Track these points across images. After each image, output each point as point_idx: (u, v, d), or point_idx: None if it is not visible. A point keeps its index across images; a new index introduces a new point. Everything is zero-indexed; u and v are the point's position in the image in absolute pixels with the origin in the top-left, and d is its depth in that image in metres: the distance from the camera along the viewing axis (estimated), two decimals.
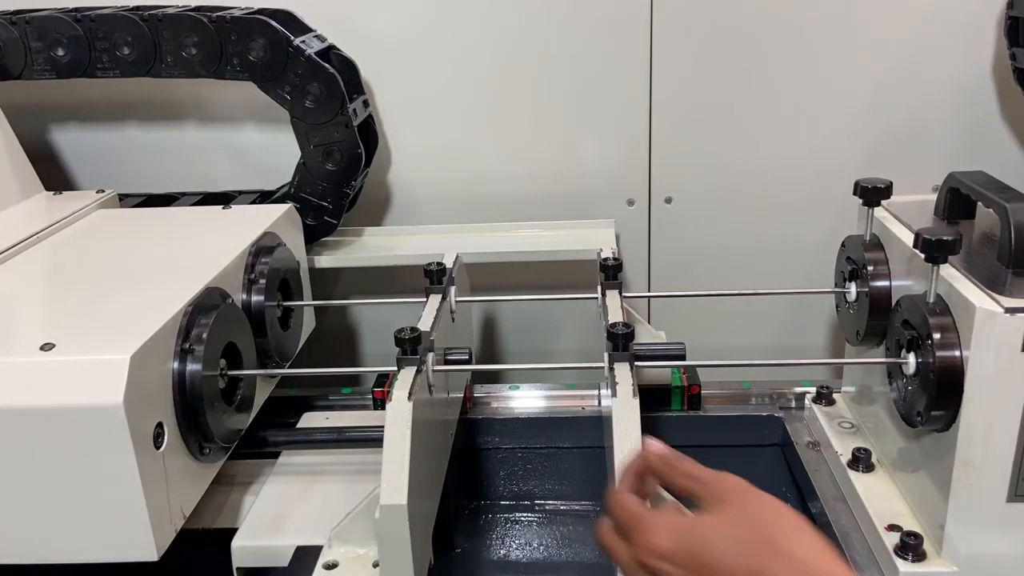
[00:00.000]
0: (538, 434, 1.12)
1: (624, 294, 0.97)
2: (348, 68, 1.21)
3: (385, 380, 1.20)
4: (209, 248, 0.96)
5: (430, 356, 0.82)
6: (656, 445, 0.65)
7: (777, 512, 0.56)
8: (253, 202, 1.23)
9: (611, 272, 0.98)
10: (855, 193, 0.95)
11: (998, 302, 0.75)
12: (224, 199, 1.21)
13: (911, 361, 0.84)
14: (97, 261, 0.96)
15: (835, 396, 1.12)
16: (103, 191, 1.17)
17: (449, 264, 1.01)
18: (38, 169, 1.17)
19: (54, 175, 1.33)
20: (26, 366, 0.71)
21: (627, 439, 0.72)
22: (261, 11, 1.14)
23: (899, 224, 0.95)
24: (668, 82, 1.27)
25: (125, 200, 1.23)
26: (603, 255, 1.03)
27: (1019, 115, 1.27)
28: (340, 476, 1.00)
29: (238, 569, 0.90)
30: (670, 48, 1.25)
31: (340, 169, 1.18)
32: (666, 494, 0.65)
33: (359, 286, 1.40)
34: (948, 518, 0.81)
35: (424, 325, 0.87)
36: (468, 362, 0.95)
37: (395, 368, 0.80)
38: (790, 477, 1.10)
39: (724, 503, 0.57)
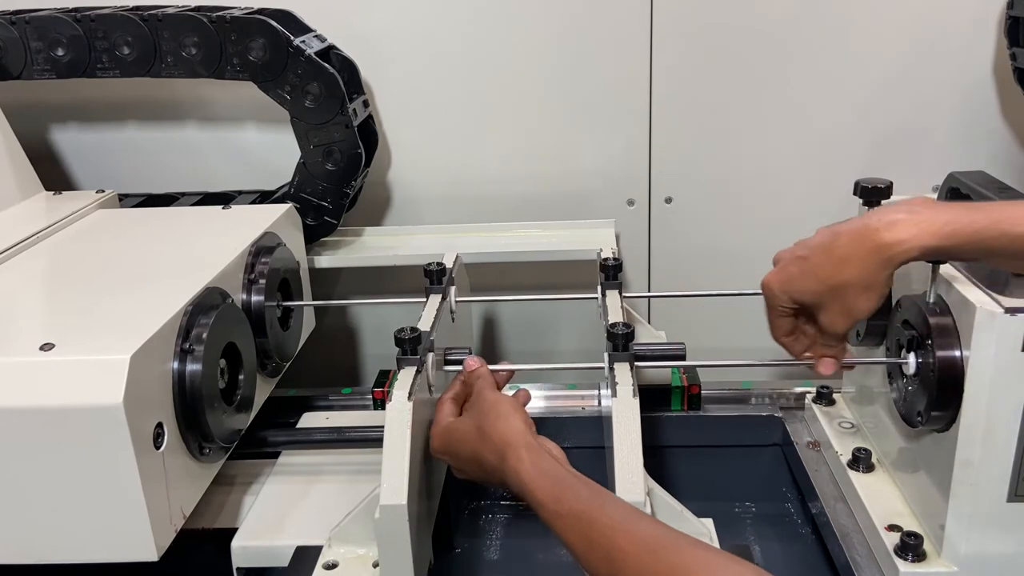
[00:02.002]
0: (538, 434, 1.12)
1: (624, 294, 0.97)
2: (348, 68, 1.21)
3: (385, 380, 1.20)
4: (209, 248, 0.96)
5: (430, 356, 0.82)
6: (473, 362, 0.83)
7: (493, 409, 0.74)
8: (253, 202, 1.23)
9: (611, 272, 0.98)
10: (855, 193, 0.95)
11: (998, 302, 0.75)
12: (224, 199, 1.21)
13: (911, 361, 0.84)
14: (97, 261, 0.96)
15: (835, 396, 1.12)
16: (103, 191, 1.17)
17: (449, 264, 1.01)
18: (38, 169, 1.17)
19: (54, 175, 1.33)
20: (26, 366, 0.71)
21: (627, 439, 0.72)
22: (261, 11, 1.14)
23: None
24: (668, 82, 1.27)
25: (125, 200, 1.23)
26: (603, 255, 1.03)
27: (1019, 115, 1.27)
28: (340, 476, 1.00)
29: (238, 569, 0.90)
30: (670, 48, 1.25)
31: (340, 169, 1.18)
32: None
33: (359, 286, 1.40)
34: (948, 518, 0.81)
35: (424, 325, 0.87)
36: None
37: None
38: (790, 477, 1.10)
39: (471, 407, 0.78)
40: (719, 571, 0.52)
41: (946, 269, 0.82)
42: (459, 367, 0.86)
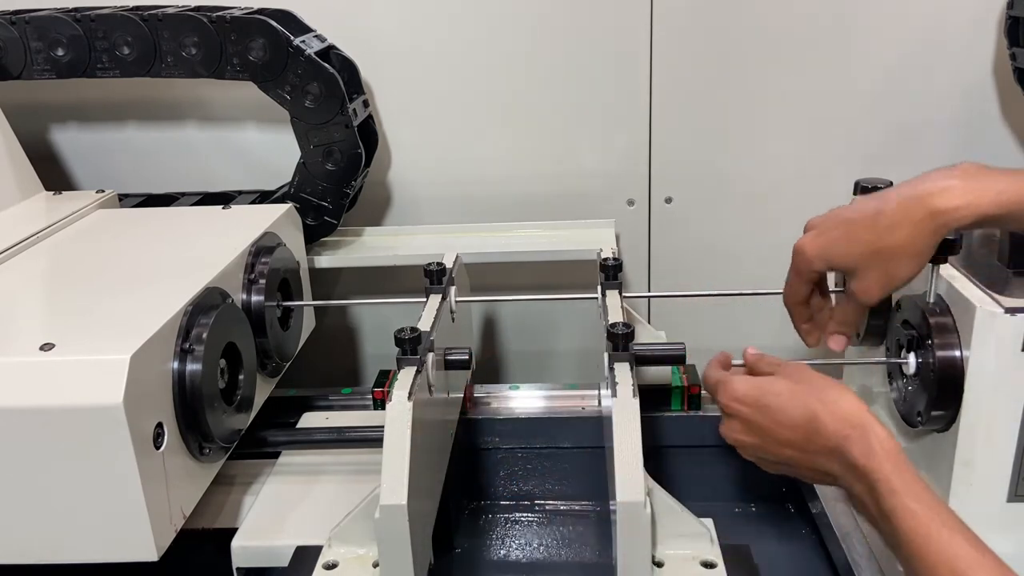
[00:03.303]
0: (538, 434, 1.12)
1: (624, 294, 0.97)
2: (348, 68, 1.21)
3: (385, 380, 1.20)
4: (209, 248, 0.96)
5: (430, 356, 0.82)
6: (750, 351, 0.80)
7: (824, 378, 0.70)
8: (253, 202, 1.23)
9: (611, 272, 0.98)
10: (855, 193, 0.95)
11: (998, 302, 0.75)
12: (224, 199, 1.21)
13: (911, 361, 0.84)
14: (97, 261, 0.96)
15: None
16: (103, 191, 1.17)
17: (449, 264, 1.01)
18: (38, 169, 1.17)
19: (54, 175, 1.33)
20: (26, 366, 0.71)
21: (627, 439, 0.72)
22: (261, 11, 1.14)
23: None
24: (668, 82, 1.27)
25: (125, 200, 1.23)
26: (603, 255, 1.03)
27: (1019, 115, 1.27)
28: (340, 476, 1.00)
29: (238, 569, 0.90)
30: (670, 48, 1.25)
31: (340, 169, 1.18)
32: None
33: (359, 286, 1.40)
34: None
35: (424, 325, 0.87)
36: (468, 362, 0.95)
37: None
38: (790, 477, 1.10)
39: (786, 370, 0.73)
40: None
41: (946, 269, 0.82)
42: (459, 368, 0.86)
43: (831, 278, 0.85)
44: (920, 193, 0.69)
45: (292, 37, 1.11)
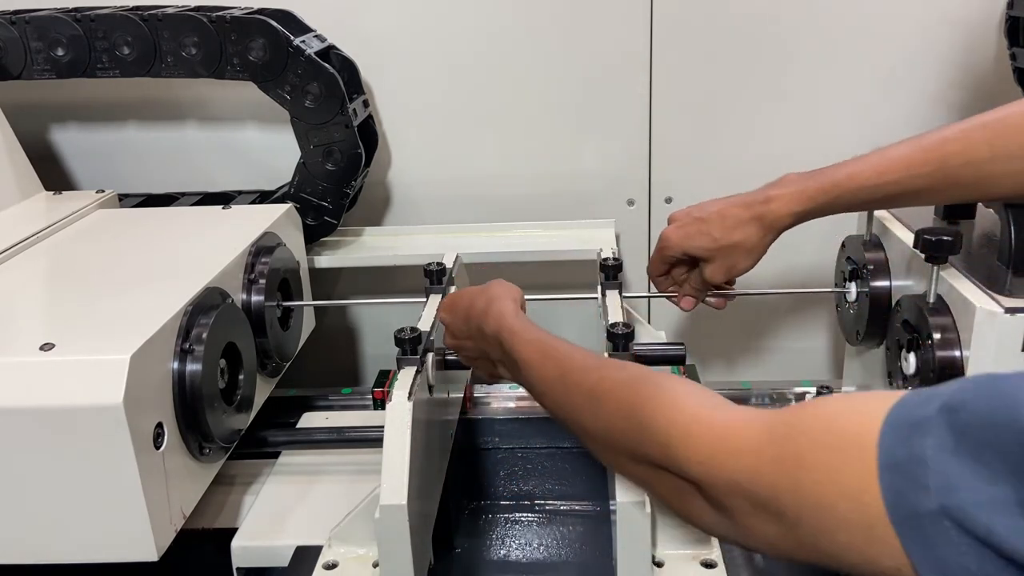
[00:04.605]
0: (538, 434, 1.12)
1: (624, 294, 0.97)
2: (348, 68, 1.21)
3: (385, 380, 1.20)
4: (209, 248, 0.96)
5: (430, 356, 0.82)
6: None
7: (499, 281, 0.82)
8: (253, 202, 1.23)
9: (611, 272, 0.98)
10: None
11: (998, 302, 0.75)
12: (224, 199, 1.21)
13: (911, 361, 0.84)
14: (97, 261, 0.96)
15: None
16: (103, 191, 1.17)
17: (449, 264, 1.01)
18: (38, 169, 1.17)
19: (54, 175, 1.33)
20: (26, 366, 0.71)
21: None
22: (261, 11, 1.14)
23: (899, 224, 0.95)
24: (668, 82, 1.27)
25: (125, 200, 1.23)
26: (603, 255, 1.03)
27: None
28: (340, 476, 1.00)
29: (238, 569, 0.90)
30: (670, 48, 1.25)
31: (340, 169, 1.18)
32: None
33: (359, 286, 1.40)
34: None
35: (424, 325, 0.87)
36: None
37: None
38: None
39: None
40: (677, 384, 0.58)
41: (946, 269, 0.82)
42: (459, 368, 0.86)
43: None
44: (751, 201, 0.85)
45: (292, 37, 1.11)
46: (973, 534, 0.36)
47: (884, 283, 0.94)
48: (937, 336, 0.79)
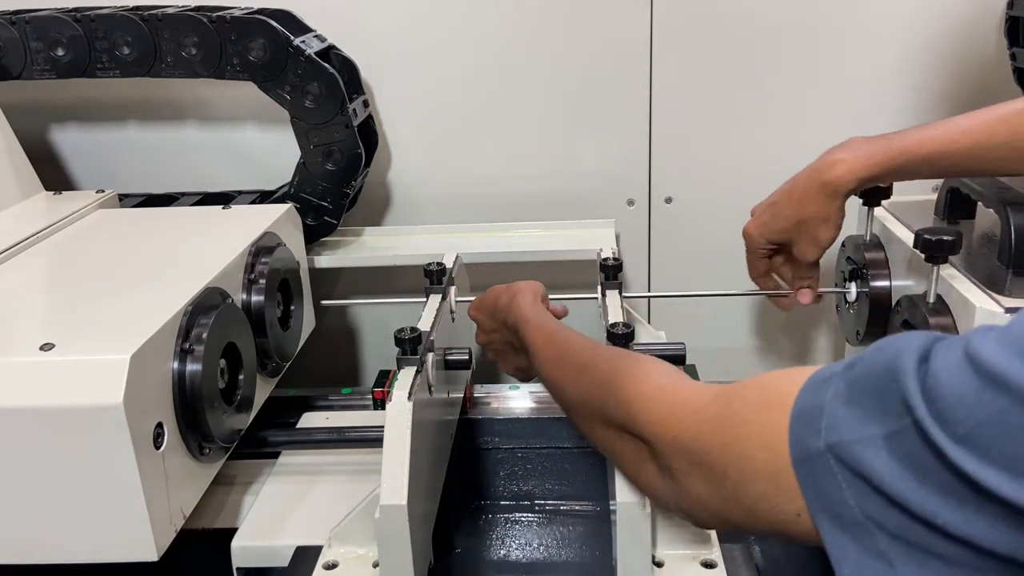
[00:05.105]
0: (538, 434, 1.12)
1: (624, 294, 0.97)
2: (348, 68, 1.21)
3: (385, 380, 1.20)
4: (209, 248, 0.96)
5: (430, 356, 0.82)
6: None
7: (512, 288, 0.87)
8: (253, 202, 1.23)
9: (611, 272, 0.98)
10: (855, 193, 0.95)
11: (998, 302, 0.75)
12: (224, 199, 1.21)
13: None
14: (97, 261, 0.96)
15: None
16: (103, 191, 1.17)
17: (449, 264, 1.01)
18: (38, 169, 1.17)
19: (54, 175, 1.33)
20: (26, 366, 0.71)
21: None
22: (261, 11, 1.14)
23: (899, 224, 0.95)
24: (668, 82, 1.27)
25: (125, 200, 1.23)
26: (603, 255, 1.03)
27: None
28: (340, 476, 1.00)
29: (238, 569, 0.90)
30: (670, 48, 1.25)
31: (340, 169, 1.18)
32: None
33: (359, 286, 1.40)
34: None
35: (424, 325, 0.87)
36: (468, 362, 0.95)
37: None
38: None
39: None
40: (654, 362, 0.62)
41: (946, 269, 0.82)
42: (459, 368, 0.86)
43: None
44: (814, 170, 0.86)
45: (292, 37, 1.11)
46: (850, 468, 0.40)
47: (884, 283, 0.94)
48: None
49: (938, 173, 0.87)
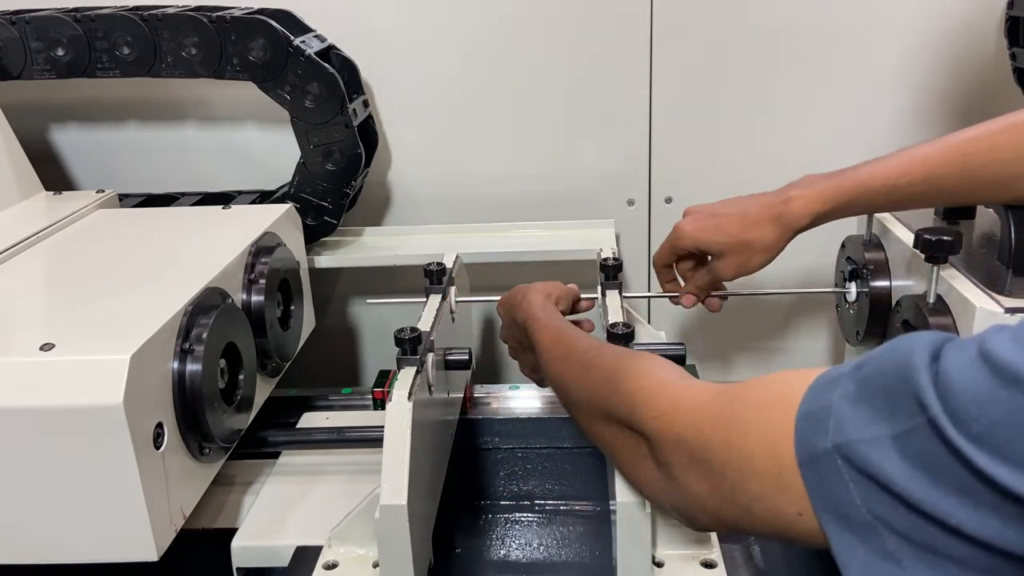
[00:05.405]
0: (538, 434, 1.12)
1: (624, 294, 0.97)
2: (348, 68, 1.21)
3: (385, 380, 1.20)
4: (209, 248, 0.96)
5: (430, 356, 0.82)
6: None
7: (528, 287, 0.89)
8: (253, 202, 1.23)
9: (611, 272, 0.98)
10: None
11: (998, 302, 0.75)
12: (224, 199, 1.21)
13: None
14: (97, 261, 0.96)
15: None
16: (103, 191, 1.17)
17: (449, 264, 1.01)
18: (38, 169, 1.17)
19: (54, 175, 1.33)
20: (26, 366, 0.71)
21: None
22: (261, 11, 1.14)
23: (899, 224, 0.95)
24: (668, 82, 1.27)
25: (125, 200, 1.23)
26: (603, 255, 1.03)
27: None
28: (340, 476, 1.00)
29: (238, 569, 0.90)
30: (670, 48, 1.25)
31: (340, 169, 1.18)
32: None
33: (359, 286, 1.40)
34: None
35: (424, 325, 0.87)
36: (468, 362, 0.95)
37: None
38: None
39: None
40: (658, 360, 0.63)
41: (946, 269, 0.82)
42: (459, 368, 0.86)
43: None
44: (770, 201, 0.86)
45: (292, 37, 1.11)
46: (858, 468, 0.40)
47: (884, 283, 0.94)
48: None
49: (895, 205, 0.86)
